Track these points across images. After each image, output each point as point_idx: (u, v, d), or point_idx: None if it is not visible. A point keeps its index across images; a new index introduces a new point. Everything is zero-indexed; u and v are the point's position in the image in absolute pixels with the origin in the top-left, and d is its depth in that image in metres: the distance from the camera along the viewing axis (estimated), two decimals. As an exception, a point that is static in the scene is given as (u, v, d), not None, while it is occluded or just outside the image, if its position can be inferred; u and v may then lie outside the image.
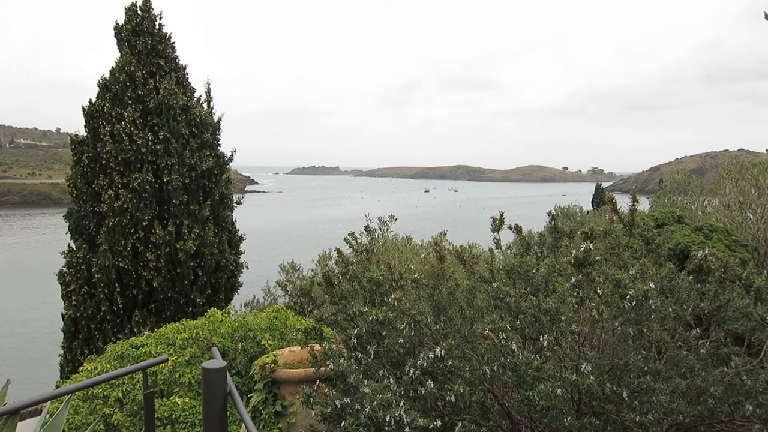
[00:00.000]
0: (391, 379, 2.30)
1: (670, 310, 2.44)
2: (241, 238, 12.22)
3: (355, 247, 3.13)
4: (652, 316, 2.27)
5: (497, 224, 2.87)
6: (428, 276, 2.71)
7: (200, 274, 10.87)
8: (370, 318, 2.44)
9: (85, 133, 11.11)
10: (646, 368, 2.24)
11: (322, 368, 2.58)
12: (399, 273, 2.79)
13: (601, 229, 2.83)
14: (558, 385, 2.11)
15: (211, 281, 11.12)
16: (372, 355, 2.46)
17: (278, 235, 65.94)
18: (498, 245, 2.89)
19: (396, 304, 2.47)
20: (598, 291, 2.30)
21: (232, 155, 11.92)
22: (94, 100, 11.15)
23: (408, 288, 2.77)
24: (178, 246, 10.53)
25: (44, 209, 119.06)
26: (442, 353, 2.25)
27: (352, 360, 2.53)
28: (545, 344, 2.24)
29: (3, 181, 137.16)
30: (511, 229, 2.97)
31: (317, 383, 2.43)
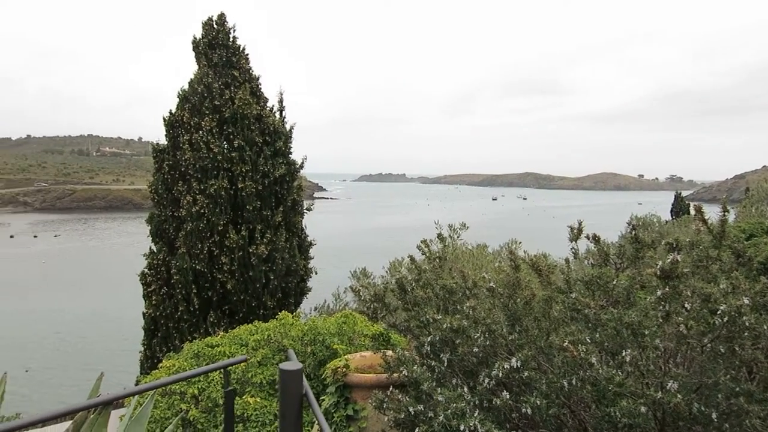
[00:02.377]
0: (465, 389, 2.27)
1: (765, 327, 2.28)
2: (310, 244, 12.46)
3: (427, 254, 3.11)
4: (745, 334, 2.13)
5: (575, 233, 2.78)
6: (503, 285, 2.66)
7: (271, 278, 11.15)
8: (444, 326, 2.41)
9: (166, 142, 11.67)
10: (737, 389, 2.10)
11: (395, 374, 2.58)
12: (473, 281, 2.75)
13: (687, 240, 2.69)
14: (641, 402, 2.01)
15: (281, 285, 11.39)
16: (445, 363, 2.43)
17: (345, 242, 66.89)
18: (576, 255, 2.80)
19: (471, 312, 2.43)
20: (686, 305, 2.18)
21: (303, 163, 12.19)
22: (174, 111, 11.70)
23: (482, 296, 2.73)
24: (251, 250, 10.86)
25: (126, 213, 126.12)
26: (518, 364, 2.20)
27: (424, 367, 2.51)
28: (628, 359, 2.15)
29: (90, 186, 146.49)
30: (588, 239, 2.87)
31: (390, 389, 2.43)
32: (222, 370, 5.78)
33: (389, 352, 2.77)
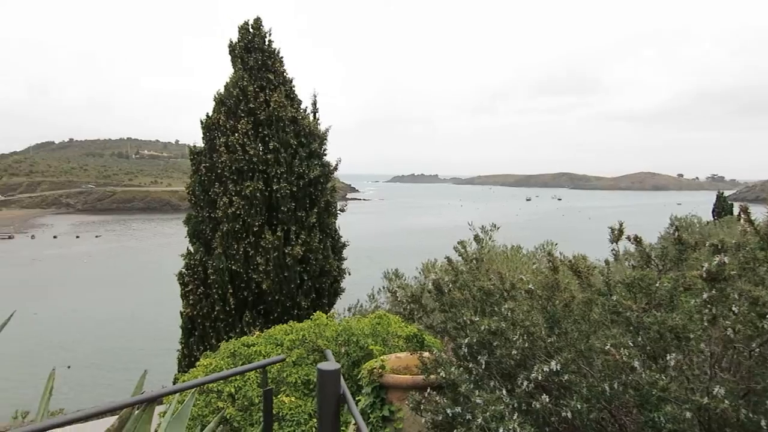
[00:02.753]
0: (503, 391, 2.25)
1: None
2: (344, 245, 12.52)
3: (464, 256, 3.08)
4: (796, 338, 2.05)
5: (616, 234, 2.72)
6: (541, 287, 2.62)
7: (306, 278, 11.25)
8: (482, 327, 2.39)
9: (203, 145, 11.89)
10: (788, 395, 2.03)
11: (432, 376, 2.57)
12: (510, 283, 2.72)
13: (733, 241, 2.60)
14: (686, 408, 1.96)
15: (315, 286, 11.48)
16: (483, 366, 2.41)
17: (378, 243, 67.01)
18: (617, 257, 2.74)
19: (509, 314, 2.41)
20: (734, 308, 2.11)
21: (337, 164, 12.26)
22: (210, 114, 11.92)
23: (520, 298, 2.70)
24: (285, 251, 10.97)
25: (164, 214, 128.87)
26: (558, 367, 2.16)
27: (461, 369, 2.49)
28: (672, 363, 2.09)
29: (130, 188, 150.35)
30: (629, 240, 2.81)
31: (428, 390, 2.42)
32: (259, 370, 5.86)
33: (426, 354, 2.76)
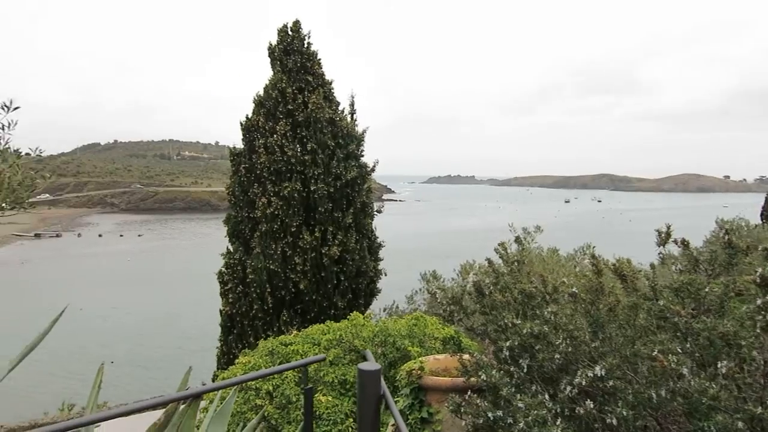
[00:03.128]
0: (546, 396, 2.21)
1: None
2: (380, 246, 12.53)
3: (505, 258, 3.05)
4: None
5: (663, 238, 2.65)
6: (585, 290, 2.57)
7: (342, 278, 11.31)
8: (524, 331, 2.36)
9: (242, 146, 12.08)
10: None
11: (472, 378, 2.55)
12: (553, 286, 2.68)
13: (788, 245, 2.50)
14: (738, 417, 1.89)
15: (351, 286, 11.53)
16: (524, 369, 2.38)
17: (413, 244, 66.91)
18: (664, 260, 2.67)
19: (552, 317, 2.37)
20: (789, 315, 2.03)
21: (374, 166, 12.30)
22: (250, 116, 12.10)
23: (562, 302, 2.65)
24: (323, 251, 11.06)
25: (204, 214, 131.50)
26: (602, 372, 2.12)
27: (502, 372, 2.47)
28: (723, 371, 2.02)
29: (171, 188, 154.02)
30: (676, 243, 2.73)
31: (468, 393, 2.40)
32: (299, 369, 5.91)
33: (466, 356, 2.74)
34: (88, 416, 1.59)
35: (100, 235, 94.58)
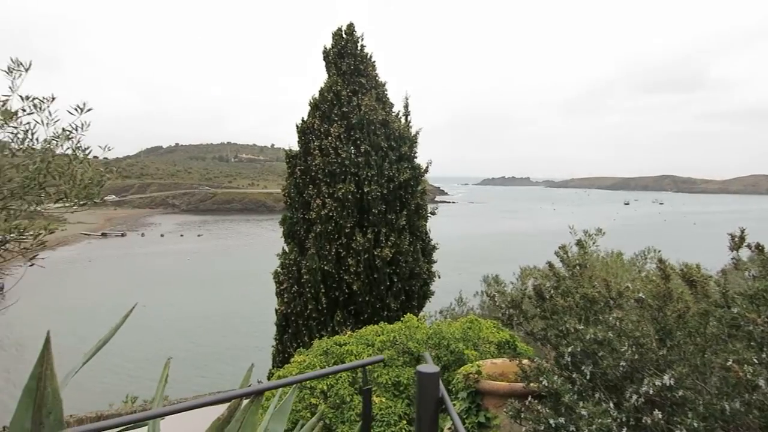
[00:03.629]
0: (611, 404, 2.13)
1: None
2: (434, 248, 12.49)
3: (566, 261, 2.97)
4: None
5: (737, 242, 2.52)
6: (652, 296, 2.46)
7: (395, 280, 11.33)
8: (587, 336, 2.29)
9: (298, 148, 12.29)
10: None
11: (532, 384, 2.49)
12: (617, 291, 2.58)
13: None
14: (822, 433, 1.77)
15: (405, 288, 11.53)
16: (587, 376, 2.30)
17: (466, 246, 66.31)
18: (737, 266, 2.53)
19: (617, 323, 2.28)
20: None
21: (427, 167, 12.27)
22: (305, 118, 12.30)
23: (627, 307, 2.56)
24: (376, 253, 11.11)
25: (260, 215, 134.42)
26: (671, 382, 2.02)
27: (564, 378, 2.40)
28: (805, 384, 1.90)
29: (229, 190, 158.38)
30: (750, 248, 2.58)
31: (529, 399, 2.35)
32: (354, 369, 5.95)
33: (525, 361, 2.69)
34: (158, 409, 1.64)
35: (161, 235, 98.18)
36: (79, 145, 3.29)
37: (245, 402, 1.91)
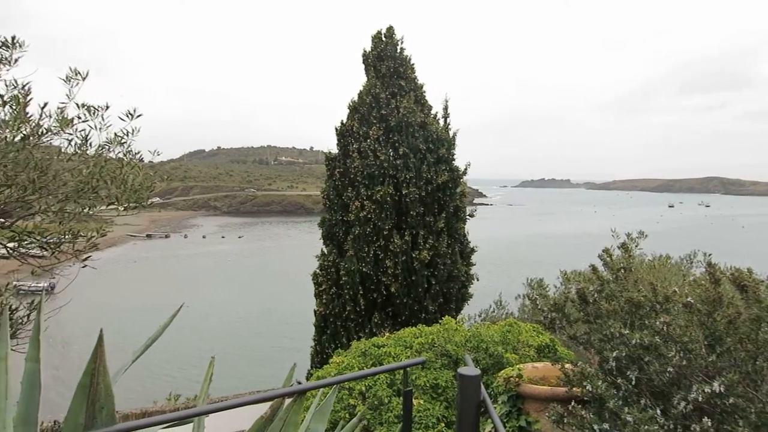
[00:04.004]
0: (658, 411, 2.09)
1: None
2: (472, 250, 12.41)
3: (610, 264, 2.92)
4: None
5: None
6: (701, 300, 2.40)
7: (433, 282, 11.31)
8: (633, 341, 2.24)
9: (337, 151, 12.40)
10: None
11: (575, 389, 2.46)
12: (664, 295, 2.52)
13: None
14: None
15: (443, 290, 11.49)
16: (633, 382, 2.26)
17: (503, 249, 65.60)
18: (792, 270, 2.44)
19: (664, 328, 2.23)
20: None
21: (466, 169, 12.21)
22: (344, 121, 12.40)
23: (674, 312, 2.49)
24: (414, 255, 11.11)
25: (298, 217, 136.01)
26: (722, 389, 1.97)
27: (608, 383, 2.36)
28: None
29: (269, 192, 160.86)
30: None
31: (572, 404, 2.31)
32: (394, 371, 5.96)
33: (568, 365, 2.65)
34: (204, 407, 1.70)
35: (204, 237, 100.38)
36: (129, 149, 3.41)
37: (288, 401, 1.94)
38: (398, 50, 12.51)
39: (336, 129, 12.40)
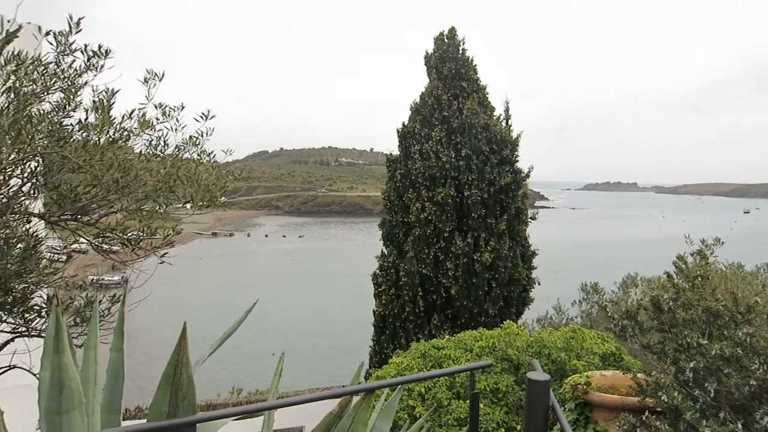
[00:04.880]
0: (739, 425, 2.00)
1: None
2: (534, 254, 12.19)
3: (685, 272, 2.81)
4: None
5: None
6: (786, 311, 2.27)
7: (494, 285, 11.18)
8: (712, 352, 2.15)
9: (398, 152, 12.46)
10: None
11: (648, 399, 2.38)
12: (747, 305, 2.41)
13: None
14: None
15: (503, 294, 11.34)
16: (712, 394, 2.17)
17: (564, 254, 63.99)
18: None
19: (747, 339, 2.13)
20: None
21: (529, 171, 12.01)
22: (406, 123, 12.44)
23: (757, 323, 2.37)
24: (475, 257, 11.02)
25: (357, 218, 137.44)
26: (809, 406, 1.86)
27: (683, 395, 2.27)
28: None
29: (330, 193, 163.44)
30: None
31: (646, 414, 2.25)
32: (457, 373, 5.94)
33: (641, 375, 2.57)
34: (278, 401, 1.77)
35: (266, 236, 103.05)
36: (203, 150, 3.56)
37: (355, 399, 1.99)
38: (460, 51, 12.44)
39: (397, 130, 12.47)
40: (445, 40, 12.58)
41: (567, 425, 1.72)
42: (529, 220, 12.20)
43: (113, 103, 3.28)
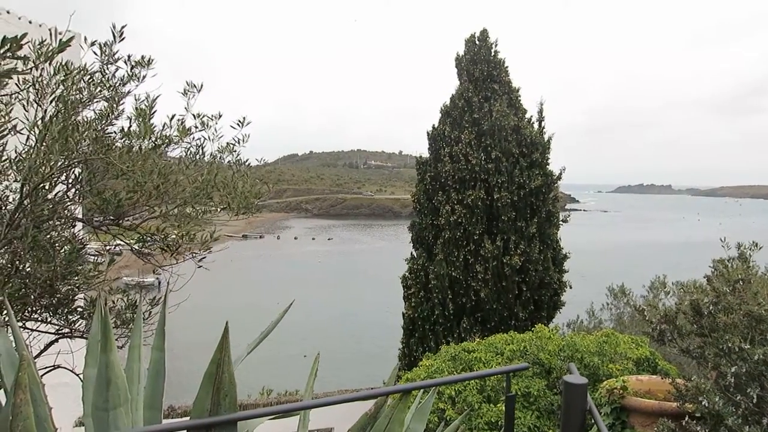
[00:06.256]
0: (782, 433, 1.96)
1: None
2: (565, 257, 12.03)
3: (725, 276, 2.76)
4: None
5: None
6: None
7: (524, 289, 11.08)
8: (755, 357, 2.12)
9: (428, 155, 12.45)
10: None
11: (688, 404, 2.35)
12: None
13: None
14: None
15: (534, 297, 11.23)
16: (754, 400, 2.13)
17: (595, 257, 62.90)
18: None
19: (790, 346, 2.09)
20: None
21: (560, 174, 11.86)
22: (436, 125, 12.43)
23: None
24: (504, 260, 10.94)
25: (386, 221, 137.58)
26: None
27: (724, 400, 2.23)
28: None
29: (358, 195, 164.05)
30: None
31: (686, 419, 2.22)
32: (490, 376, 5.93)
33: (679, 380, 2.54)
34: (314, 401, 1.80)
35: (295, 238, 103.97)
36: (239, 158, 3.65)
37: (390, 400, 2.02)
38: (492, 53, 12.37)
39: (427, 133, 12.47)
40: (476, 42, 12.53)
41: (604, 428, 1.72)
42: (561, 222, 12.06)
43: (154, 112, 3.39)
